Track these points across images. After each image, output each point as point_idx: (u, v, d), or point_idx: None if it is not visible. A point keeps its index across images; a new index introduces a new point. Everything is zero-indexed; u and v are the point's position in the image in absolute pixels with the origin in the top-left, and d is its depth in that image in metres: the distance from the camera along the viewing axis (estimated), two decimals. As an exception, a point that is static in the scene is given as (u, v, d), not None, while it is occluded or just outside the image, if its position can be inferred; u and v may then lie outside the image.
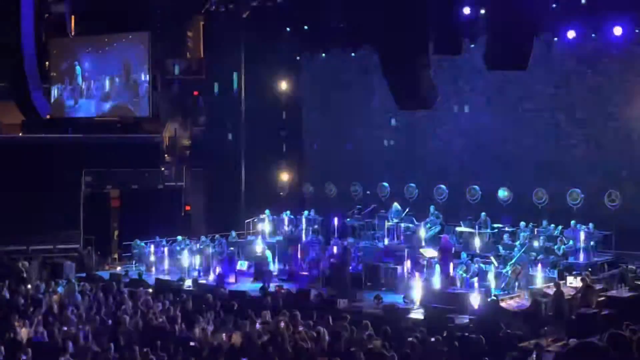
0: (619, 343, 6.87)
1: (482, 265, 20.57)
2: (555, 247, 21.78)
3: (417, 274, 20.95)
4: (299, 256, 23.98)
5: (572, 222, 22.56)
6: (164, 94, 31.85)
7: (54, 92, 31.74)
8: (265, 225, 26.41)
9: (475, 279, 20.16)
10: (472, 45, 23.46)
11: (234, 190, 30.03)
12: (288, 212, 26.79)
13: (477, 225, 23.25)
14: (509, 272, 20.36)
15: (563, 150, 24.68)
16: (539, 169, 24.97)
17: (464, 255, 21.26)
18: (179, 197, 31.05)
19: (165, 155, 32.20)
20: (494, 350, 13.79)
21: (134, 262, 25.98)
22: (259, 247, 24.66)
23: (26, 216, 28.40)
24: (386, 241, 24.05)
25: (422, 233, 23.42)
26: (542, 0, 21.91)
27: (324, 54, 28.97)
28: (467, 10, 22.25)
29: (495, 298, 19.05)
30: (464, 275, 20.43)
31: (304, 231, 25.68)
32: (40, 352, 13.99)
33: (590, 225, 22.29)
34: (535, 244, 21.83)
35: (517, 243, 21.64)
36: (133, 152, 30.17)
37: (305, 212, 26.45)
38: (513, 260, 20.51)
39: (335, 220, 25.40)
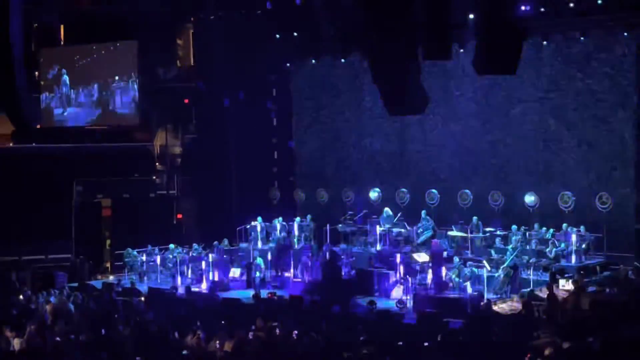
0: (612, 345, 6.92)
1: (474, 269, 20.60)
2: (547, 250, 21.83)
3: (409, 278, 20.98)
4: (291, 263, 23.98)
5: (564, 225, 22.62)
6: (154, 102, 31.82)
7: (43, 100, 31.69)
8: (257, 232, 26.37)
9: (468, 283, 20.19)
10: (462, 50, 23.54)
11: (225, 197, 30.02)
12: (280, 218, 26.77)
13: (469, 230, 23.30)
14: (501, 275, 20.41)
15: (553, 153, 24.71)
16: (530, 173, 25.02)
17: (456, 259, 21.29)
18: (171, 205, 31.01)
19: (157, 164, 32.16)
20: (487, 354, 13.79)
21: (126, 271, 25.93)
22: (251, 255, 24.70)
23: (18, 226, 28.35)
24: (378, 247, 24.09)
25: (414, 238, 23.47)
26: (531, 4, 22.05)
27: (313, 61, 28.99)
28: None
29: (487, 302, 19.09)
30: (457, 279, 20.46)
31: (296, 238, 25.68)
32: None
33: (582, 227, 22.35)
34: (527, 247, 21.89)
35: (509, 247, 21.66)
36: (124, 161, 30.20)
37: (297, 219, 26.45)
38: (505, 264, 20.55)
39: (327, 226, 25.39)
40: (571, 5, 22.65)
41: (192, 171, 31.35)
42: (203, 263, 24.41)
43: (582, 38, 23.54)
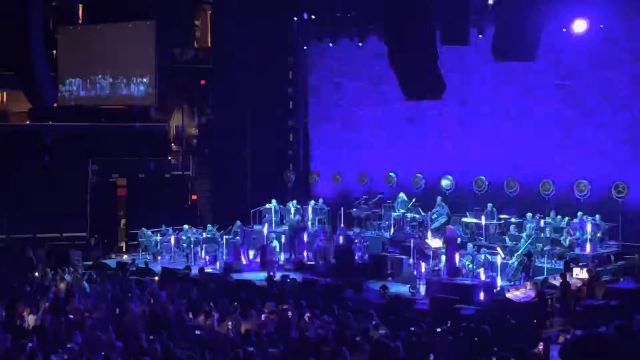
0: (625, 333, 6.88)
1: (488, 256, 20.56)
2: (562, 238, 21.75)
3: (423, 264, 20.96)
4: (305, 246, 24.01)
5: (579, 213, 22.52)
6: (171, 83, 31.85)
7: (61, 80, 31.73)
8: (271, 214, 26.41)
9: (482, 270, 20.16)
10: (480, 36, 23.41)
11: (240, 179, 30.05)
12: (294, 201, 26.78)
13: (484, 216, 23.24)
14: (515, 263, 20.37)
15: (571, 141, 24.60)
16: (547, 160, 24.90)
17: (470, 246, 21.25)
18: (186, 186, 31.10)
19: (172, 144, 32.22)
20: (500, 341, 13.79)
21: (140, 251, 26.05)
22: (265, 237, 24.75)
23: (33, 204, 28.49)
24: (392, 231, 24.06)
25: (429, 224, 23.46)
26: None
27: (331, 44, 28.93)
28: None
29: (501, 289, 19.06)
30: (470, 265, 20.43)
31: (310, 221, 25.70)
32: (46, 339, 14.04)
33: (597, 216, 22.25)
34: (542, 235, 21.82)
35: (524, 234, 21.61)
36: (140, 141, 30.26)
37: (312, 202, 26.45)
38: (519, 252, 20.50)
39: (342, 210, 25.40)
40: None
41: (208, 152, 31.38)
42: (217, 244, 24.45)
43: (601, 25, 23.36)
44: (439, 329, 14.47)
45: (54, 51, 31.55)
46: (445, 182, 26.11)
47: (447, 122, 27.06)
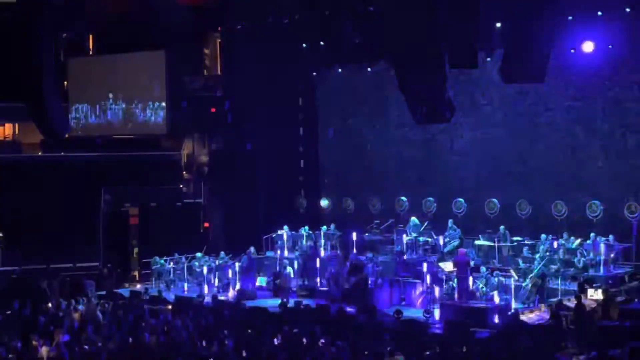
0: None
1: (501, 278, 20.49)
2: (575, 259, 21.67)
3: (436, 288, 20.90)
4: (317, 271, 23.97)
5: (592, 234, 22.43)
6: (181, 111, 31.96)
7: (73, 110, 31.94)
8: (283, 241, 26.40)
9: (495, 293, 20.08)
10: (489, 59, 23.48)
11: (252, 206, 30.07)
12: (306, 227, 26.77)
13: (496, 239, 23.18)
14: (529, 285, 20.30)
15: (581, 162, 24.56)
16: (558, 182, 24.85)
17: (483, 269, 21.18)
18: (198, 214, 31.11)
19: (184, 173, 32.29)
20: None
21: (153, 280, 26.04)
22: (278, 263, 24.75)
23: (46, 235, 28.54)
24: (405, 256, 24.01)
25: (441, 247, 23.42)
26: (559, 12, 21.93)
27: (340, 69, 29.03)
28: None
29: (515, 311, 18.98)
30: (484, 288, 20.36)
31: (322, 246, 25.67)
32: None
33: (610, 237, 22.16)
34: (555, 256, 21.74)
35: (537, 256, 21.53)
36: (152, 170, 30.36)
37: (324, 228, 26.43)
38: (533, 274, 20.43)
39: (354, 235, 25.38)
40: (599, 13, 22.53)
41: (219, 180, 31.43)
42: (230, 271, 24.46)
43: (610, 46, 23.38)
44: (452, 353, 14.40)
45: (65, 82, 31.78)
46: (456, 205, 26.08)
47: (457, 145, 27.06)
